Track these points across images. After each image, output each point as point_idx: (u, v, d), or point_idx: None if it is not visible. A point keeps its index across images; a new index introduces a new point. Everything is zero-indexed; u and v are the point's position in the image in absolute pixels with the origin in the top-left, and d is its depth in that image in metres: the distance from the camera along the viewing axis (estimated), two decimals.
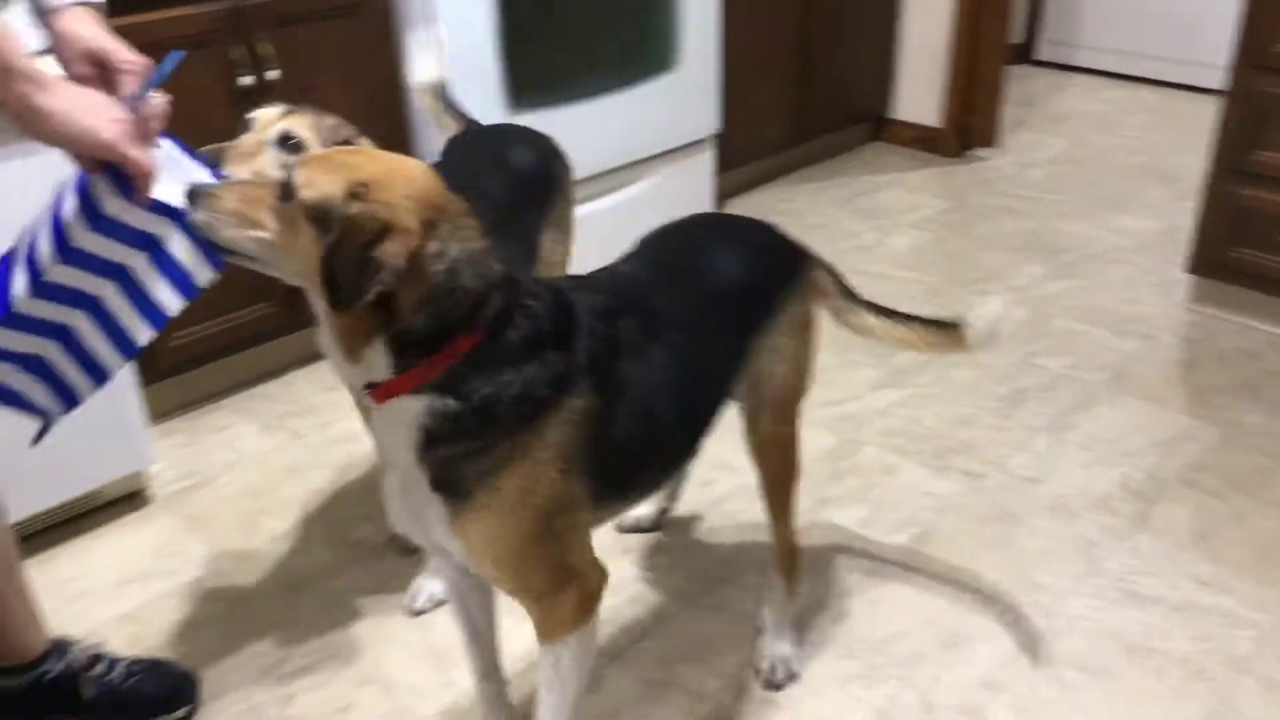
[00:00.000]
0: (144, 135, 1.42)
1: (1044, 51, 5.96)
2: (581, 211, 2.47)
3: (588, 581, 1.56)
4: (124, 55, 1.42)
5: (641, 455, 1.60)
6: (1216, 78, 4.37)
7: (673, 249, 1.80)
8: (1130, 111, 5.28)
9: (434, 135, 2.99)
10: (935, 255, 3.84)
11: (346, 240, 1.26)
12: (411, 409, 1.37)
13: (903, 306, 3.42)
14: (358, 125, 2.90)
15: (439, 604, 2.25)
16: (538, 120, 3.13)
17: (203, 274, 1.49)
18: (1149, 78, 5.64)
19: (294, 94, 2.73)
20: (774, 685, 2.08)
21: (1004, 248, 3.88)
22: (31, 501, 2.35)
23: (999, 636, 2.18)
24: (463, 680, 2.08)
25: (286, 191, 1.31)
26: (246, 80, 2.66)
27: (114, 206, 1.39)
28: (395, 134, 3.00)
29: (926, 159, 4.70)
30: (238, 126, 1.82)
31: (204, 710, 2.04)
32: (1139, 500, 2.56)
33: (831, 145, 4.71)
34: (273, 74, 2.70)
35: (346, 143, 1.81)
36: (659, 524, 2.47)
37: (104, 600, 2.30)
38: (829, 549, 2.43)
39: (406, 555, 2.33)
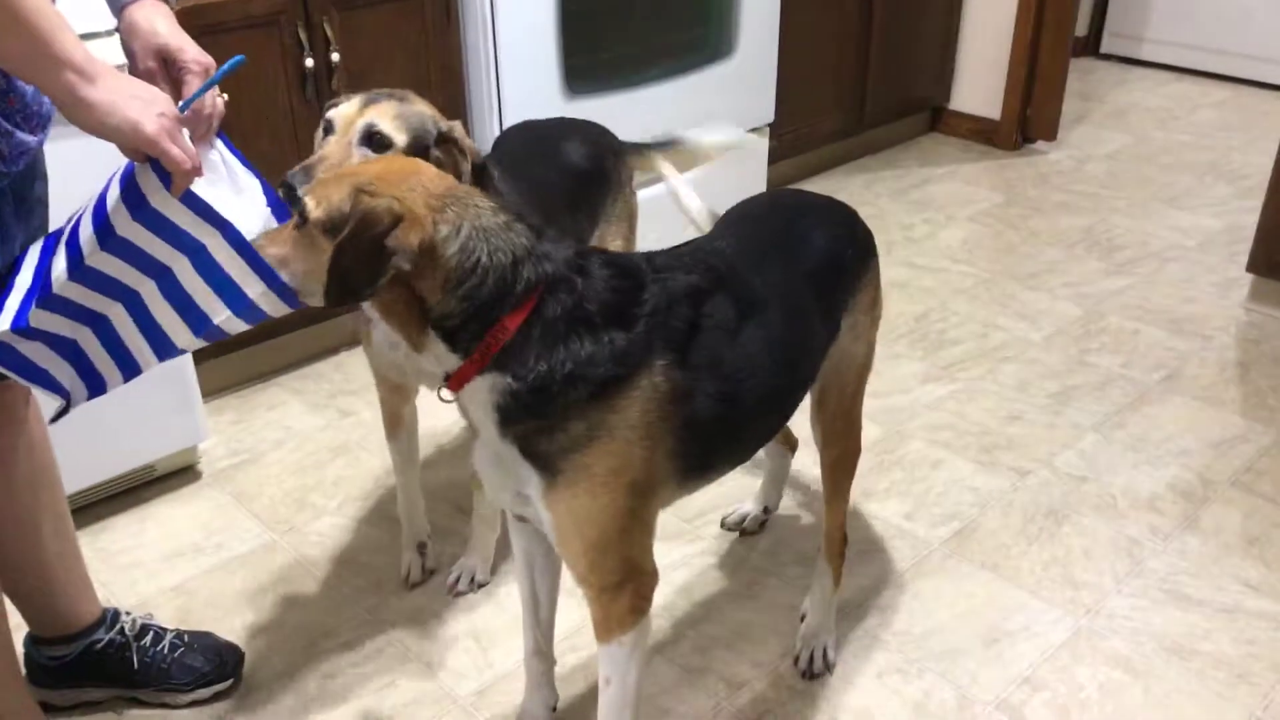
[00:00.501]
0: (197, 134, 1.44)
1: (1108, 44, 5.87)
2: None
3: (644, 581, 1.58)
4: (190, 54, 1.43)
5: (727, 434, 1.61)
6: None
7: (763, 226, 1.80)
8: (1195, 107, 5.19)
9: (492, 121, 3.03)
10: (989, 249, 3.81)
11: (359, 233, 1.31)
12: (481, 388, 1.43)
13: (953, 300, 3.41)
14: None
15: (480, 586, 2.27)
16: (594, 106, 3.16)
17: (253, 287, 1.46)
18: (1215, 73, 5.53)
19: (355, 77, 2.77)
20: (811, 674, 2.09)
21: (1060, 243, 3.83)
22: (88, 474, 2.40)
23: (1039, 634, 2.17)
24: (501, 662, 2.10)
25: (301, 217, 1.37)
26: (309, 61, 2.69)
27: (158, 199, 1.39)
28: (453, 118, 3.02)
29: (983, 151, 4.65)
30: (320, 126, 1.81)
31: (247, 683, 2.07)
32: (1188, 501, 2.53)
33: (887, 135, 4.68)
34: (335, 56, 2.72)
35: (445, 138, 1.79)
36: (763, 524, 2.47)
37: (154, 572, 2.35)
38: (871, 541, 2.42)
39: (416, 585, 2.34)
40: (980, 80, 4.65)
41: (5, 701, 1.75)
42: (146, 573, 2.34)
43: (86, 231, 1.43)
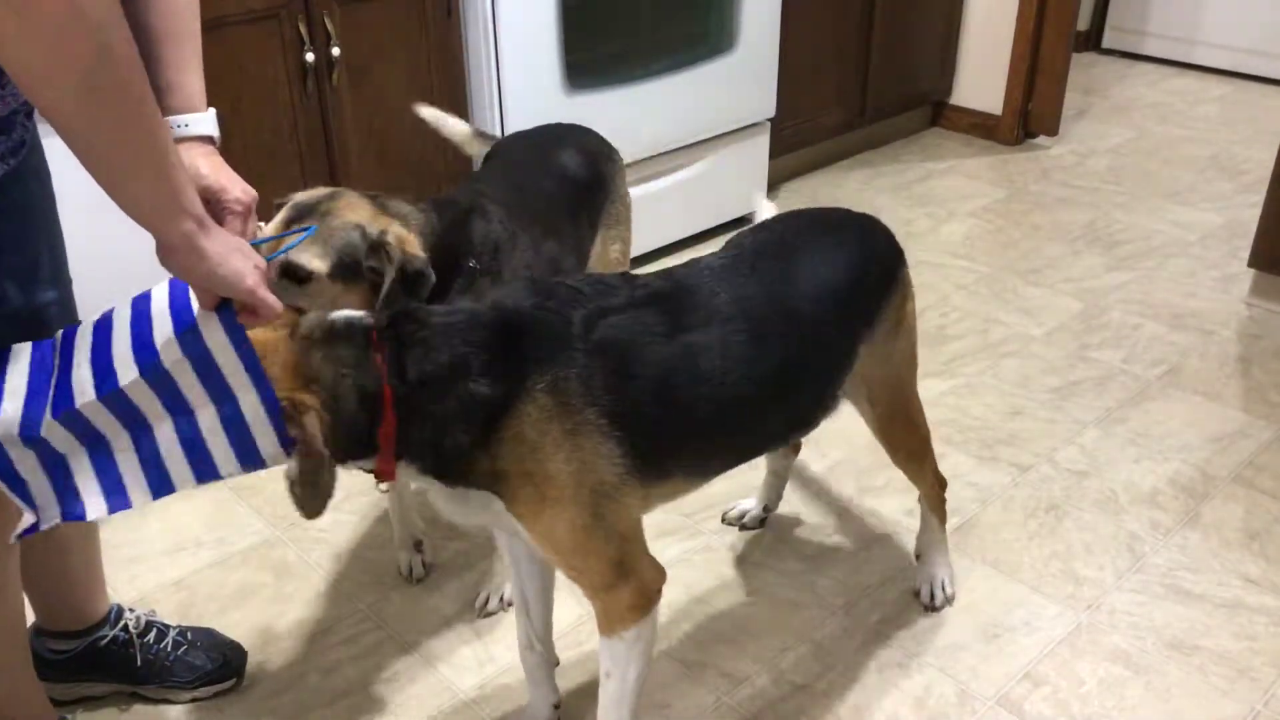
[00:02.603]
0: None
1: (1109, 39, 5.86)
2: (636, 193, 2.47)
3: (644, 579, 1.60)
4: (233, 194, 1.46)
5: (681, 436, 1.62)
6: None
7: (771, 244, 1.80)
8: (1197, 102, 5.18)
9: (493, 116, 3.03)
10: (990, 244, 3.80)
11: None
12: (404, 471, 1.50)
13: (954, 295, 3.41)
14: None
15: (510, 604, 2.23)
16: (595, 102, 3.16)
17: (269, 448, 1.44)
18: (1217, 68, 5.53)
19: (355, 72, 2.77)
20: (934, 607, 2.21)
21: (1061, 238, 3.83)
22: None
23: (1040, 629, 2.17)
24: (502, 656, 2.11)
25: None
26: (310, 56, 2.69)
27: (214, 341, 1.38)
28: (454, 113, 3.01)
29: (985, 146, 4.65)
30: (273, 209, 1.77)
31: (248, 677, 2.08)
32: (1189, 497, 2.53)
33: (888, 130, 4.67)
34: (335, 51, 2.72)
35: (377, 245, 1.74)
36: (762, 521, 2.47)
37: (155, 567, 2.35)
38: (871, 538, 2.43)
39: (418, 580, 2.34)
40: (982, 75, 4.65)
41: (21, 693, 1.75)
42: (148, 567, 2.35)
43: (122, 350, 1.38)
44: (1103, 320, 3.30)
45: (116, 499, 1.46)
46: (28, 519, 1.46)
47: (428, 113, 2.48)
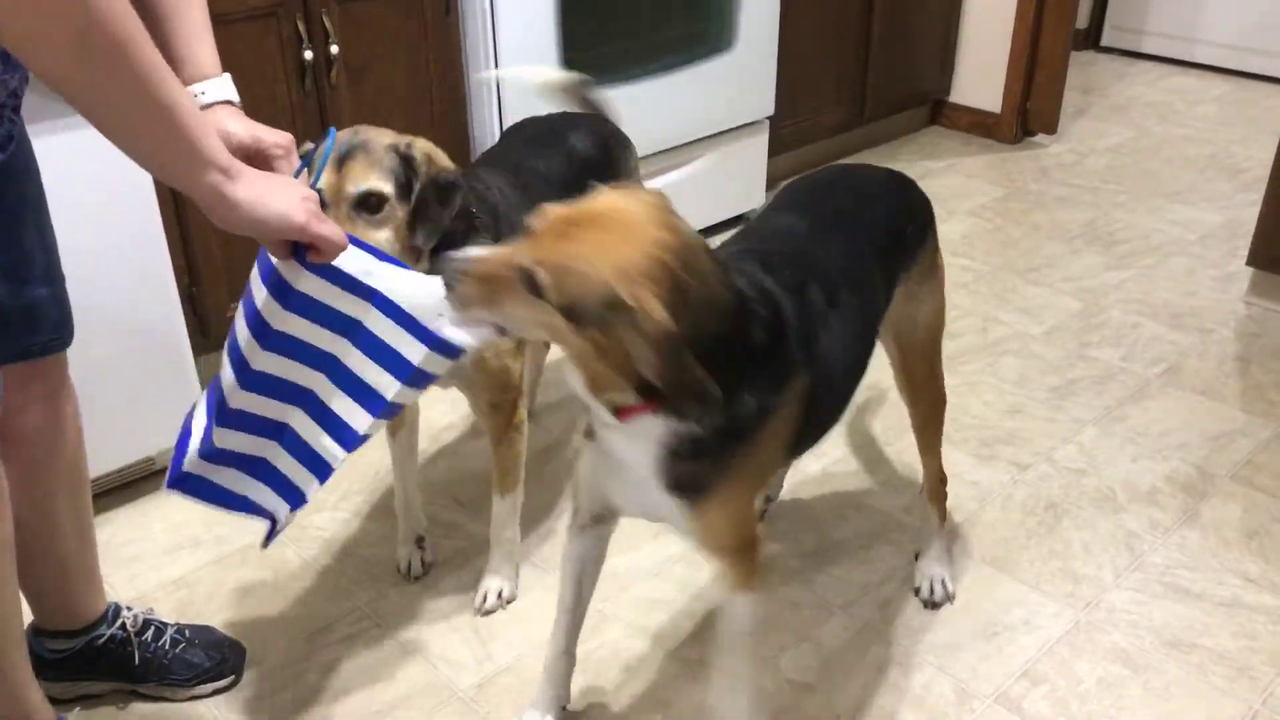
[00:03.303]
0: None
1: (1109, 37, 5.86)
2: None
3: (759, 543, 1.65)
4: (269, 140, 1.45)
5: (826, 414, 1.68)
6: None
7: (830, 201, 1.85)
8: (1196, 101, 5.18)
9: (492, 114, 3.03)
10: (990, 243, 3.80)
11: (669, 363, 1.26)
12: (654, 429, 1.40)
13: (953, 294, 3.40)
14: (415, 105, 2.95)
15: (509, 602, 2.25)
16: None
17: (416, 353, 1.42)
18: (1216, 66, 5.53)
19: (354, 71, 2.77)
20: (933, 604, 2.22)
21: (1060, 237, 3.83)
22: (88, 467, 2.39)
23: (1038, 628, 2.17)
24: (501, 655, 2.11)
25: (533, 287, 1.29)
26: (309, 54, 2.69)
27: (308, 285, 1.38)
28: (452, 114, 3.02)
29: (984, 144, 4.65)
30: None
31: (248, 676, 2.07)
32: (1187, 495, 2.53)
33: (887, 129, 4.67)
34: (334, 49, 2.72)
35: (406, 159, 1.76)
36: (761, 516, 2.47)
37: (155, 565, 2.35)
38: (870, 535, 2.42)
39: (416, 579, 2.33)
40: (981, 73, 4.65)
41: (19, 693, 1.75)
42: (147, 566, 2.35)
43: (244, 335, 1.41)
44: (1102, 319, 3.30)
45: (321, 469, 1.52)
46: (269, 526, 1.55)
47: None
